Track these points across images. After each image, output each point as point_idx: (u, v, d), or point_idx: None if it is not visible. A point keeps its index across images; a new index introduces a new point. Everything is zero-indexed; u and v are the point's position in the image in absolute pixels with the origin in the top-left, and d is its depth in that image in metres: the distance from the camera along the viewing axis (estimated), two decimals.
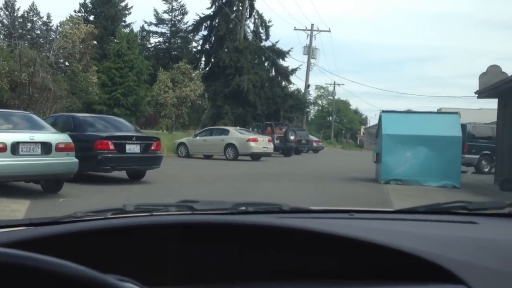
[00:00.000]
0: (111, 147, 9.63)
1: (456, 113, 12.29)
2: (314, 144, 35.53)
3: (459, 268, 0.90)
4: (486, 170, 18.69)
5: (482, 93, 13.98)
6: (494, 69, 14.17)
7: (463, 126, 14.94)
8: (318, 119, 78.48)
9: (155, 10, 67.06)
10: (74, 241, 0.99)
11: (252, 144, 20.64)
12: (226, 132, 21.65)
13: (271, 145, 21.73)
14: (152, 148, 10.49)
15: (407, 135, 11.92)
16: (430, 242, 1.01)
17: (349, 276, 0.99)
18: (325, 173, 14.86)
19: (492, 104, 15.63)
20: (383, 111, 12.55)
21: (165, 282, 1.04)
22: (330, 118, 79.82)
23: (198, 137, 22.05)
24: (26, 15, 61.23)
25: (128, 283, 0.70)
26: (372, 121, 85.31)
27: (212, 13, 35.24)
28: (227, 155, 20.85)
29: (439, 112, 12.44)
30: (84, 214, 1.17)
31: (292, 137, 26.46)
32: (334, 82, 68.17)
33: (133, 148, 10.03)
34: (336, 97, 73.95)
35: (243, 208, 1.29)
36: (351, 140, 79.46)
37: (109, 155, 9.62)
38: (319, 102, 77.03)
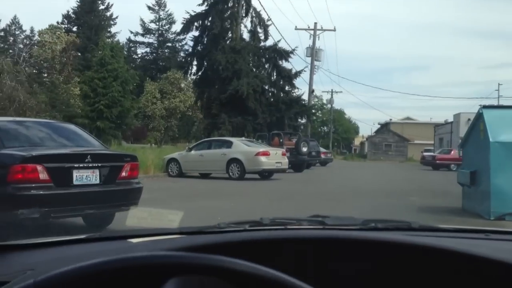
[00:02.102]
0: (42, 175, 5.06)
1: None
2: (322, 156, 31.13)
3: None
4: None
5: None
6: None
7: None
8: (314, 129, 75.70)
9: (141, 19, 62.89)
10: (219, 251, 1.04)
11: (263, 158, 16.19)
12: (228, 144, 17.16)
13: (285, 159, 17.30)
14: (123, 174, 5.91)
15: None
16: None
17: None
18: (381, 201, 10.36)
19: None
20: (484, 107, 8.15)
21: None
22: (325, 128, 77.05)
23: (193, 151, 17.60)
24: (8, 28, 57.69)
25: None
26: (364, 131, 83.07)
27: (204, 11, 31.01)
28: (230, 173, 16.46)
29: None
30: (226, 225, 1.30)
31: (305, 149, 22.10)
32: (332, 89, 65.09)
33: (86, 176, 5.49)
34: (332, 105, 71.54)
35: (373, 224, 1.28)
36: (346, 150, 76.71)
37: (37, 191, 5.05)
38: (314, 111, 74.70)
